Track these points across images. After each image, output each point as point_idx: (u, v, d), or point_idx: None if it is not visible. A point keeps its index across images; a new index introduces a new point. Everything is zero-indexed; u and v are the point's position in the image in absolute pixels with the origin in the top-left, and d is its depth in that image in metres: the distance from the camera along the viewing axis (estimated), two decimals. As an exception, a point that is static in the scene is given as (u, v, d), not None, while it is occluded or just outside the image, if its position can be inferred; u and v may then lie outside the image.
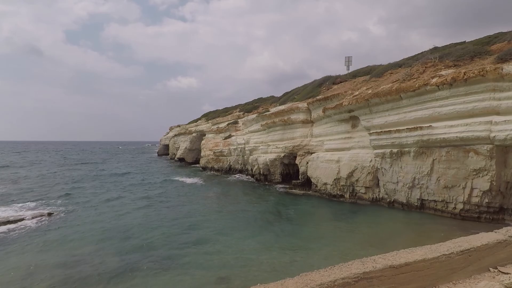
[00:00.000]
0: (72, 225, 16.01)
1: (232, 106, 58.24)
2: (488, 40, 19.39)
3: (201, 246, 12.68)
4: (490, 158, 14.04)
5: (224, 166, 41.08)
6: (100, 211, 19.28)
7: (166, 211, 19.60)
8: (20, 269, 10.57)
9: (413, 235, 13.78)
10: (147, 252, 12.06)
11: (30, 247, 12.67)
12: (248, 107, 48.11)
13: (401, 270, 3.83)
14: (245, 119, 38.34)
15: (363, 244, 12.82)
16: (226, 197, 24.60)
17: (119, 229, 15.19)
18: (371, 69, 28.94)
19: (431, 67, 18.38)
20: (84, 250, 12.33)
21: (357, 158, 20.93)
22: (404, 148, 17.37)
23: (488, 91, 13.85)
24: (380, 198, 19.71)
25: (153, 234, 14.29)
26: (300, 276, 3.61)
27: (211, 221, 17.16)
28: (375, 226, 15.70)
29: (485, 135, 13.80)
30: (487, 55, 16.71)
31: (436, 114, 15.61)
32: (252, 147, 33.89)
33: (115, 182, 32.82)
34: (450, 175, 15.44)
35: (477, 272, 4.42)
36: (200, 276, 9.85)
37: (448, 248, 4.31)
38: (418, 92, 16.25)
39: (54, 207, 20.07)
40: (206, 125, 53.27)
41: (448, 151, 15.35)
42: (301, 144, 27.24)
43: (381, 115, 18.68)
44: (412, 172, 17.13)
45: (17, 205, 20.49)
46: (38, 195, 24.29)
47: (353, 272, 3.58)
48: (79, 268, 10.58)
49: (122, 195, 24.83)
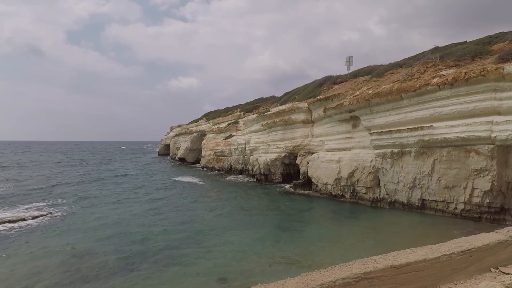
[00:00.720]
0: (73, 225, 16.03)
1: (233, 106, 58.19)
2: (489, 40, 19.34)
3: (201, 246, 12.69)
4: (491, 158, 14.02)
5: (225, 166, 41.10)
6: (101, 211, 19.31)
7: (167, 210, 19.62)
8: (20, 268, 10.59)
9: (413, 235, 13.77)
10: (147, 251, 12.08)
11: (30, 247, 12.69)
12: (248, 107, 48.10)
13: (402, 270, 3.83)
14: (245, 119, 38.36)
15: (363, 244, 12.83)
16: (227, 197, 24.60)
17: (119, 229, 15.21)
18: (372, 69, 28.90)
19: (432, 67, 18.36)
20: (85, 249, 12.35)
21: (358, 158, 20.92)
22: (405, 148, 17.35)
23: (489, 91, 13.83)
24: (381, 198, 19.69)
25: (154, 234, 14.32)
26: (301, 276, 3.61)
27: (212, 221, 17.18)
28: (375, 226, 15.71)
29: (486, 135, 13.78)
30: (488, 55, 16.67)
31: (437, 114, 15.60)
32: (253, 147, 33.90)
33: (116, 182, 32.88)
34: (451, 175, 15.42)
35: (478, 272, 4.41)
36: (201, 276, 9.86)
37: (449, 248, 4.30)
38: (419, 92, 16.24)
39: (55, 207, 20.10)
40: (206, 125, 53.28)
41: (449, 151, 15.33)
42: (301, 144, 27.23)
43: (382, 115, 18.67)
44: (413, 172, 17.11)
45: (18, 205, 20.53)
46: (40, 195, 24.33)
47: (353, 272, 3.57)
48: (79, 267, 10.60)
49: (123, 195, 24.87)
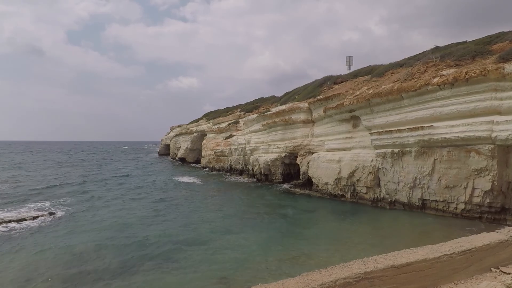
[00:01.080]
0: (74, 225, 16.04)
1: (233, 106, 58.16)
2: (489, 40, 19.32)
3: (202, 246, 12.69)
4: (491, 158, 14.01)
5: (225, 166, 41.10)
6: (102, 211, 19.32)
7: (167, 211, 19.61)
8: (21, 268, 10.60)
9: (414, 235, 13.77)
10: (148, 251, 12.08)
11: (31, 247, 12.70)
12: (249, 107, 48.09)
13: (402, 270, 3.83)
14: (246, 119, 38.36)
15: (364, 244, 12.81)
16: (227, 197, 24.61)
17: (120, 229, 15.21)
18: (372, 69, 28.88)
19: (433, 66, 18.34)
20: (85, 249, 12.35)
21: (358, 158, 20.91)
22: (405, 148, 17.33)
23: (490, 91, 13.82)
24: (381, 198, 19.68)
25: (154, 234, 14.31)
26: (301, 276, 3.61)
27: (212, 221, 17.18)
28: (376, 226, 15.70)
29: (487, 135, 13.77)
30: (488, 54, 16.65)
31: (438, 114, 15.58)
32: (253, 147, 33.90)
33: (117, 182, 32.87)
34: (452, 175, 15.41)
35: (478, 272, 4.42)
36: (201, 275, 9.86)
37: (449, 248, 4.31)
38: (419, 92, 16.23)
39: (56, 207, 20.10)
40: (207, 125, 53.28)
41: (450, 151, 15.32)
42: (302, 144, 27.22)
43: (382, 115, 18.66)
44: (413, 172, 17.10)
45: (20, 205, 20.54)
46: (41, 195, 24.34)
47: (354, 272, 3.58)
48: (80, 267, 10.61)
49: (124, 195, 24.87)
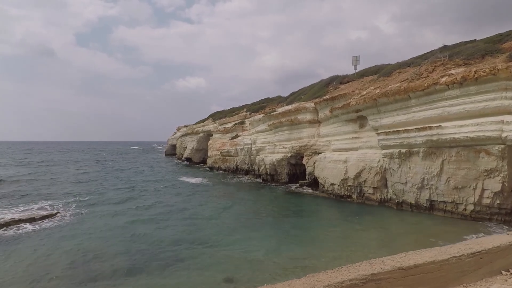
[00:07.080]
0: (82, 225, 16.20)
1: (239, 106, 58.15)
2: (499, 38, 18.99)
3: (208, 246, 12.71)
4: (501, 159, 13.78)
5: (231, 166, 41.17)
6: (109, 211, 19.48)
7: (173, 211, 19.70)
8: (29, 267, 10.74)
9: (422, 236, 13.59)
10: (154, 251, 12.15)
11: (39, 246, 12.84)
12: (255, 107, 48.10)
13: (410, 272, 3.78)
14: (252, 119, 38.36)
15: (371, 245, 12.71)
16: (233, 198, 24.63)
17: (127, 229, 15.32)
18: (379, 69, 28.64)
19: (441, 66, 18.12)
20: (92, 249, 12.45)
21: (365, 158, 20.76)
22: (413, 148, 17.14)
23: (500, 90, 13.59)
24: (388, 199, 19.50)
25: (161, 234, 14.39)
26: (307, 277, 3.59)
27: (218, 221, 17.20)
28: (383, 227, 15.55)
29: (497, 135, 13.54)
30: (498, 53, 16.40)
31: (446, 113, 15.38)
32: (259, 147, 33.89)
33: (125, 181, 33.14)
34: (460, 176, 15.19)
35: (488, 274, 4.34)
36: (207, 276, 9.88)
37: (458, 250, 4.24)
38: (427, 91, 16.04)
39: (65, 206, 20.34)
40: (213, 125, 53.44)
41: (458, 151, 15.11)
42: (308, 144, 27.13)
43: (389, 115, 18.49)
44: (421, 172, 16.90)
45: (29, 204, 20.83)
46: (49, 195, 24.65)
47: (361, 273, 3.54)
48: (86, 267, 10.71)
49: (131, 195, 25.06)
